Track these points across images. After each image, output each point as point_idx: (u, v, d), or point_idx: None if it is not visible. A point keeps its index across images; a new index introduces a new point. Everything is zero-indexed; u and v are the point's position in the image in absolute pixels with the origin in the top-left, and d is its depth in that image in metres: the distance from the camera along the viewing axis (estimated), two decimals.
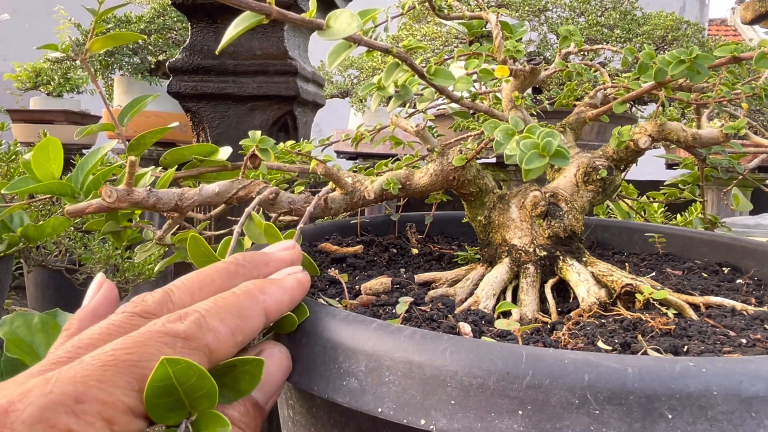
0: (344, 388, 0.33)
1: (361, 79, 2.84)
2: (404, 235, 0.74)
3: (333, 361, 0.34)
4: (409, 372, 0.32)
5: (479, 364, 0.30)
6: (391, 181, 0.54)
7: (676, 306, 0.48)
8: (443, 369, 0.31)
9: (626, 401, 0.28)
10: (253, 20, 0.31)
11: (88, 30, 2.38)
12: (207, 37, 0.88)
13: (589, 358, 0.30)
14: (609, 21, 2.00)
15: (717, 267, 0.64)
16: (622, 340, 0.40)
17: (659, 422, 0.28)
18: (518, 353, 0.30)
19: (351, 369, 0.33)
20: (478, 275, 0.56)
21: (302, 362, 0.36)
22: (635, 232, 0.74)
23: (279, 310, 0.35)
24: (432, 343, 0.32)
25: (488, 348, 0.31)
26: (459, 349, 0.31)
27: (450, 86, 0.42)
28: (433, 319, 0.44)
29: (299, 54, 0.89)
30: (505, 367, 0.30)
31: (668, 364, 0.29)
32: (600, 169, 0.55)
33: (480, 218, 0.58)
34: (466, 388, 0.30)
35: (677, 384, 0.29)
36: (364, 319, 0.35)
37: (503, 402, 0.30)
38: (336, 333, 0.35)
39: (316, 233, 0.67)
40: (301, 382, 0.35)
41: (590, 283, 0.50)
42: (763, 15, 1.38)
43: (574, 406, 0.29)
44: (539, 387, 0.29)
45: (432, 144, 0.56)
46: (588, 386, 0.29)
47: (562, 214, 0.54)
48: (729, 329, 0.44)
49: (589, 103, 0.60)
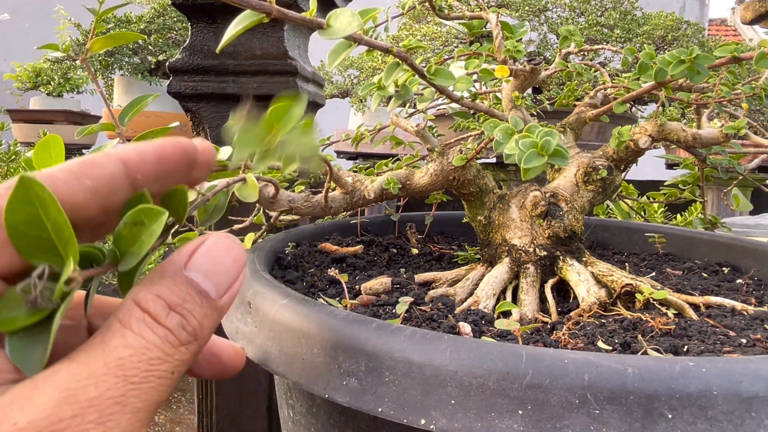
0: (344, 388, 0.33)
1: (361, 79, 2.84)
2: (404, 235, 0.74)
3: (333, 361, 0.34)
4: (409, 372, 0.32)
5: (479, 364, 0.30)
6: (391, 180, 0.54)
7: (676, 306, 0.48)
8: (443, 369, 0.31)
9: (626, 401, 0.28)
10: (254, 19, 0.31)
11: (88, 30, 2.40)
12: (207, 37, 0.89)
13: (589, 358, 0.30)
14: (609, 21, 1.99)
15: (717, 267, 0.64)
16: (622, 340, 0.40)
17: (659, 422, 0.28)
18: (518, 353, 0.30)
19: (351, 369, 0.33)
20: (478, 275, 0.56)
21: (302, 362, 0.36)
22: (635, 232, 0.74)
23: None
24: (432, 343, 0.32)
25: (488, 348, 0.31)
26: (459, 348, 0.31)
27: (450, 86, 0.42)
28: (433, 319, 0.44)
29: (299, 54, 0.90)
30: (505, 367, 0.30)
31: (668, 364, 0.29)
32: (600, 169, 0.55)
33: (480, 218, 0.58)
34: (466, 387, 0.30)
35: (677, 384, 0.29)
36: (365, 318, 0.35)
37: (503, 402, 0.30)
38: (336, 333, 0.35)
39: (316, 233, 0.67)
40: (300, 381, 0.35)
41: (590, 283, 0.50)
42: (763, 15, 1.38)
43: (574, 406, 0.29)
44: (539, 387, 0.29)
45: (432, 144, 0.56)
46: (588, 386, 0.29)
47: (562, 214, 0.54)
48: (729, 329, 0.44)
49: (589, 103, 0.60)
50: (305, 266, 0.58)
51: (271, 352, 0.38)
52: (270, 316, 0.39)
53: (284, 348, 0.37)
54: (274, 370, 0.37)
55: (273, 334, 0.38)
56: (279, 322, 0.38)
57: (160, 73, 2.50)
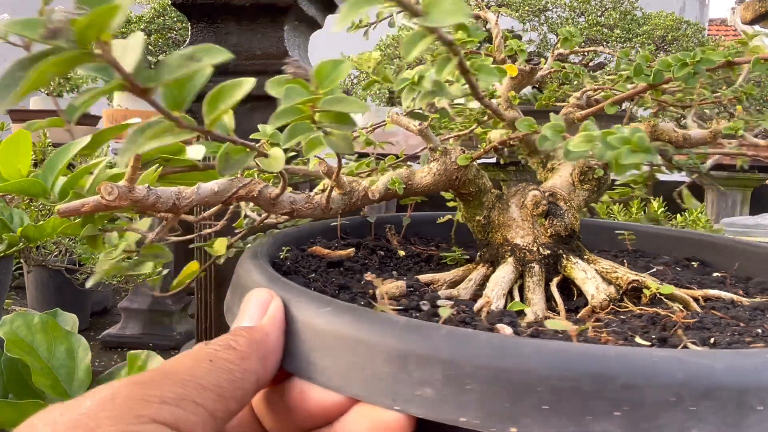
0: (419, 399, 0.31)
1: (361, 79, 2.79)
2: (383, 237, 0.72)
3: (402, 371, 0.32)
4: (495, 378, 0.30)
5: (571, 367, 0.30)
6: (396, 180, 0.53)
7: (680, 300, 0.50)
8: (532, 373, 0.30)
9: (719, 396, 0.29)
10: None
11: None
12: (207, 37, 0.88)
13: (676, 355, 0.30)
14: (609, 21, 2.05)
15: (686, 262, 0.67)
16: (659, 335, 0.41)
17: (750, 415, 0.29)
18: (608, 354, 0.30)
19: (425, 378, 0.31)
20: (480, 276, 0.55)
21: (362, 373, 0.33)
22: (602, 230, 0.77)
23: None
24: (515, 348, 0.31)
25: (576, 350, 0.30)
26: (545, 353, 0.30)
27: (490, 82, 0.41)
28: (465, 321, 0.43)
29: (299, 54, 0.89)
30: (597, 369, 0.29)
31: (751, 358, 0.30)
32: (596, 168, 0.56)
33: (479, 218, 0.57)
34: (558, 391, 0.29)
35: (764, 376, 0.29)
36: (429, 325, 0.33)
37: (599, 404, 0.29)
38: (402, 341, 0.33)
39: (300, 236, 0.64)
40: (361, 394, 0.33)
41: (598, 280, 0.51)
42: (763, 15, 1.43)
43: (670, 404, 0.29)
44: (634, 387, 0.29)
45: (434, 143, 0.55)
46: (683, 384, 0.29)
47: (562, 213, 0.55)
48: (738, 320, 0.46)
49: (576, 104, 0.62)
50: (303, 271, 0.55)
51: (319, 365, 0.35)
52: (312, 326, 0.36)
53: (337, 360, 0.35)
54: (324, 383, 0.35)
55: (319, 344, 0.36)
56: (327, 331, 0.35)
57: None
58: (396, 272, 0.60)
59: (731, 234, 1.09)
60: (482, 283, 0.55)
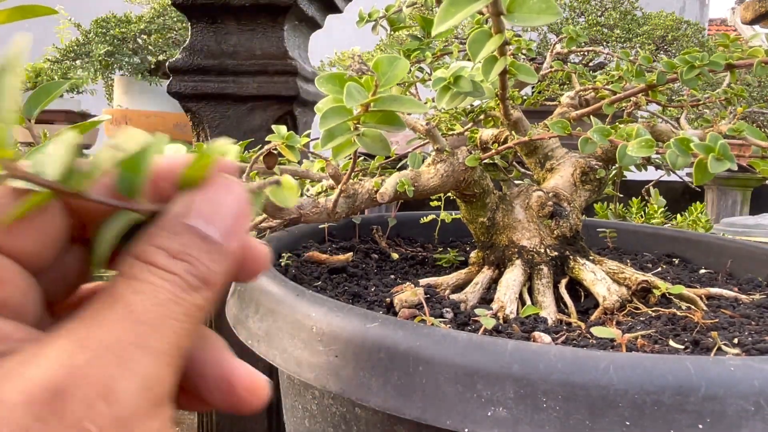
0: (490, 420, 0.30)
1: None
2: (370, 239, 0.70)
3: (469, 390, 0.30)
4: (572, 395, 0.29)
5: (650, 380, 0.29)
6: (405, 182, 0.51)
7: (689, 299, 0.51)
8: (611, 388, 0.29)
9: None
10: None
11: (88, 30, 2.26)
12: (207, 37, 0.84)
13: (748, 363, 0.30)
14: (609, 21, 2.04)
15: (667, 259, 0.69)
16: (691, 338, 0.41)
17: None
18: (685, 365, 0.29)
19: (496, 397, 0.30)
20: (486, 279, 0.54)
21: (423, 394, 0.31)
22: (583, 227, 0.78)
23: None
24: (591, 361, 0.30)
25: (652, 362, 0.30)
26: (622, 366, 0.29)
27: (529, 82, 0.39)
28: (497, 330, 0.42)
29: (299, 54, 0.86)
30: (676, 381, 0.29)
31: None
32: (597, 169, 0.56)
33: (482, 219, 0.56)
34: (639, 406, 0.29)
35: None
36: (493, 340, 0.32)
37: (681, 417, 0.28)
38: (467, 358, 0.31)
39: (292, 241, 0.61)
40: (423, 417, 0.31)
41: (608, 282, 0.51)
42: (763, 15, 1.46)
43: (750, 414, 0.28)
44: (715, 398, 0.29)
45: (441, 144, 0.53)
46: (760, 392, 0.29)
47: (567, 214, 0.55)
48: (749, 319, 0.47)
49: (571, 104, 0.62)
50: (305, 279, 0.52)
51: (366, 385, 0.33)
52: (359, 343, 0.34)
53: (390, 379, 0.32)
54: (375, 405, 0.33)
55: (366, 362, 0.33)
56: (379, 348, 0.33)
57: (160, 73, 2.35)
58: (394, 276, 0.58)
59: (731, 234, 1.13)
60: (489, 286, 0.54)
